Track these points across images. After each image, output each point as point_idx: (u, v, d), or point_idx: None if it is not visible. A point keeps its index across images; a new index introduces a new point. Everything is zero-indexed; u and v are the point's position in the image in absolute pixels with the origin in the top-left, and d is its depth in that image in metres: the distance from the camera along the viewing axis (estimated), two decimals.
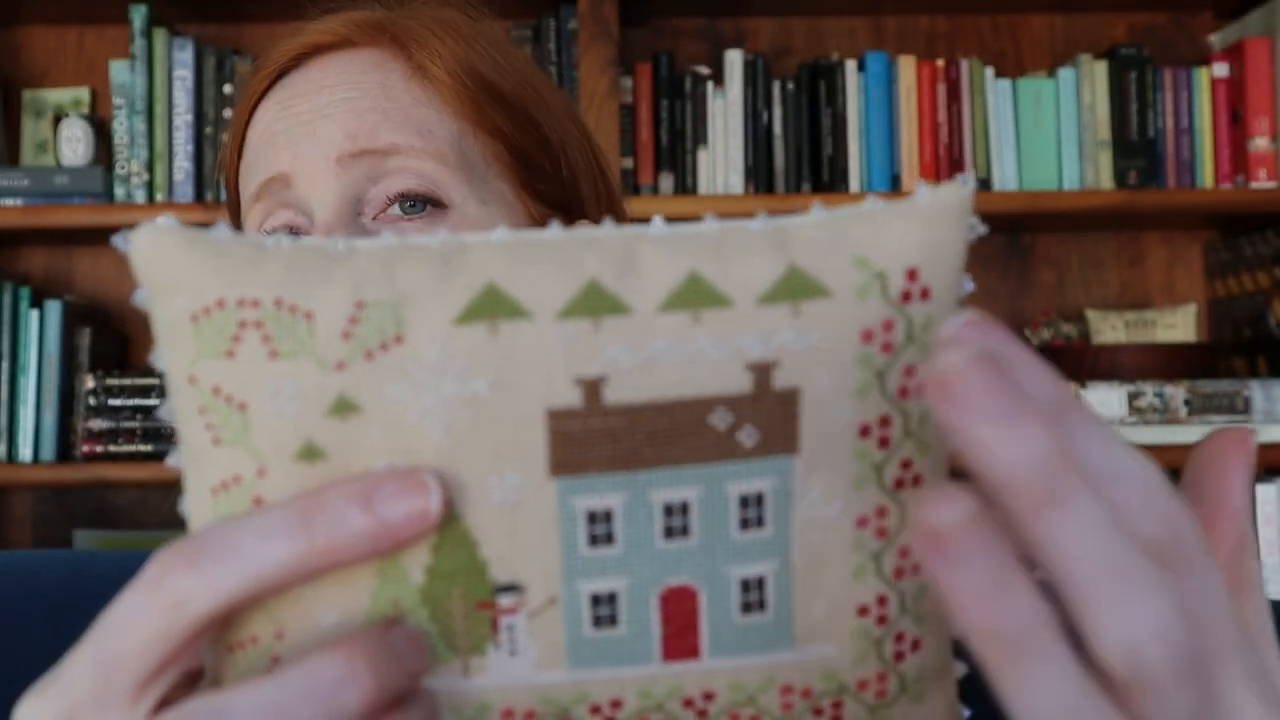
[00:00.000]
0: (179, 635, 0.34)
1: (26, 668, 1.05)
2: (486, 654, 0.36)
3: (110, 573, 1.03)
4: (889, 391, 0.36)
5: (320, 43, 0.71)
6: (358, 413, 0.34)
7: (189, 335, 0.35)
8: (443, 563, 0.35)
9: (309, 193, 0.69)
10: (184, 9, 2.14)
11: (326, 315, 0.34)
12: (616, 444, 0.34)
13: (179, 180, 2.04)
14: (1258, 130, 2.04)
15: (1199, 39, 2.25)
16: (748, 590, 0.36)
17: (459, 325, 0.34)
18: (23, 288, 2.05)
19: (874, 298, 0.35)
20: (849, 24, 2.25)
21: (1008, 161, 2.06)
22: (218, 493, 0.35)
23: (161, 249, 0.35)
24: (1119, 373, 1.98)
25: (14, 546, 2.18)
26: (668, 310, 0.34)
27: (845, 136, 2.05)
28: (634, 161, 2.05)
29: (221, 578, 0.33)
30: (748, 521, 0.35)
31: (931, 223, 0.35)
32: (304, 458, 0.34)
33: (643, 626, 0.36)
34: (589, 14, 1.97)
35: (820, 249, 0.35)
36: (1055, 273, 2.24)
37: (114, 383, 2.03)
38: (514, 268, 0.34)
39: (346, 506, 0.34)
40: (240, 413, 0.35)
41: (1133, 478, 0.32)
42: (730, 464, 0.35)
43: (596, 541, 0.35)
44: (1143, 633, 0.30)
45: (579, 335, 0.34)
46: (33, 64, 2.24)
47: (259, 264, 0.34)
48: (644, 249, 0.35)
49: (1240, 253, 2.14)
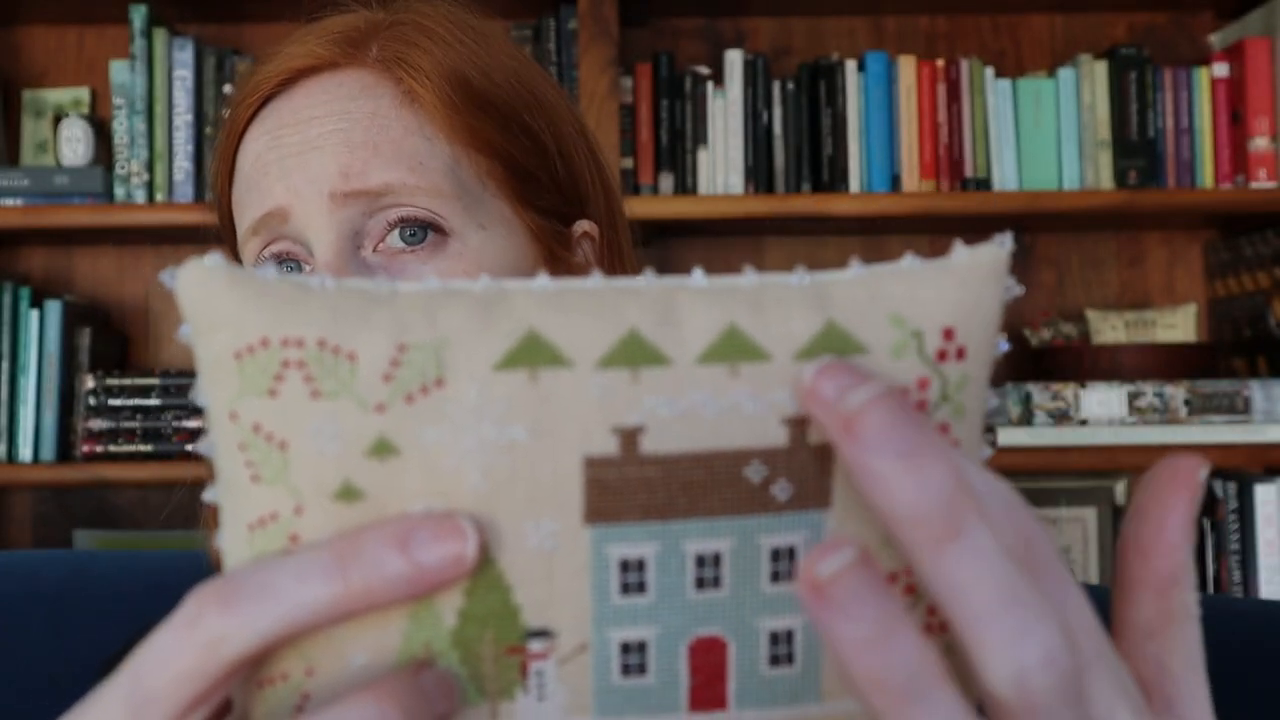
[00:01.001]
0: (212, 675, 0.34)
1: (26, 667, 1.06)
2: (515, 699, 0.36)
3: (110, 573, 1.03)
4: None
5: (304, 66, 0.70)
6: (396, 455, 0.34)
7: (232, 372, 0.35)
8: (476, 606, 0.35)
9: (305, 228, 0.68)
10: (184, 9, 2.14)
11: (369, 357, 0.34)
12: (652, 494, 0.35)
13: (179, 180, 2.04)
14: (1258, 130, 2.04)
15: (1199, 39, 2.25)
16: (776, 643, 0.36)
17: (499, 371, 0.34)
18: (23, 288, 2.05)
19: (910, 356, 0.35)
20: (849, 24, 2.25)
21: (1008, 161, 2.06)
22: (254, 529, 0.36)
23: (207, 287, 0.36)
24: (1119, 373, 1.98)
25: (14, 546, 2.18)
26: (706, 362, 0.35)
27: (845, 136, 2.05)
28: (634, 161, 2.05)
29: (257, 618, 0.34)
30: (778, 575, 0.36)
31: (968, 282, 0.36)
32: (342, 498, 0.35)
33: (671, 676, 0.36)
34: (589, 14, 1.97)
35: (858, 306, 0.35)
36: (1055, 273, 2.24)
37: (114, 383, 2.03)
38: (555, 315, 0.35)
39: (383, 550, 0.34)
40: (280, 451, 0.35)
41: (996, 494, 0.32)
42: (763, 517, 0.35)
43: (628, 590, 0.35)
44: (1032, 660, 0.31)
45: (618, 385, 0.34)
46: (33, 64, 2.24)
47: (303, 304, 0.35)
48: (683, 300, 0.35)
49: (1240, 253, 2.14)
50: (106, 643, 0.89)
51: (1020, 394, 1.95)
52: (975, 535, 0.31)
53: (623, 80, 2.05)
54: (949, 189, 2.05)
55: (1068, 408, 1.95)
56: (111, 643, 0.83)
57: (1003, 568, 0.31)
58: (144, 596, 0.99)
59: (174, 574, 1.00)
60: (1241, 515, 1.97)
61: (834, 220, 2.05)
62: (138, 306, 2.22)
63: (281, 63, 0.71)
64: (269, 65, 0.72)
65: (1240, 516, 1.97)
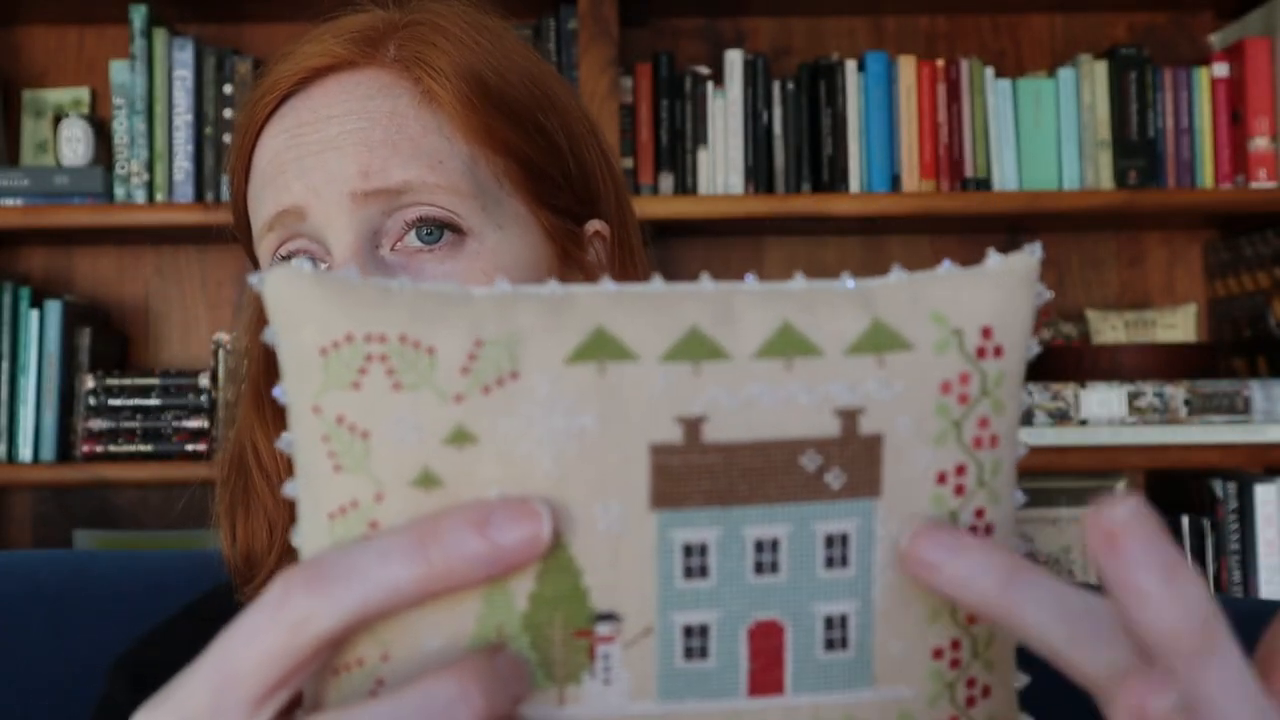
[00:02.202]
0: (299, 654, 0.35)
1: (26, 667, 1.06)
2: (582, 683, 0.37)
3: (110, 573, 1.03)
4: (965, 441, 0.38)
5: (321, 66, 0.70)
6: (473, 443, 0.36)
7: (317, 368, 0.37)
8: (547, 589, 0.37)
9: (324, 227, 0.68)
10: (184, 9, 2.14)
11: (447, 351, 0.36)
12: (714, 480, 0.37)
13: (179, 180, 2.04)
14: (1258, 130, 2.04)
15: (1199, 39, 2.25)
16: (831, 628, 0.38)
17: (570, 365, 0.36)
18: (23, 288, 2.05)
19: (952, 352, 0.38)
20: (849, 24, 2.25)
21: (1008, 161, 2.06)
22: (335, 518, 0.37)
23: (294, 287, 0.37)
24: (1119, 373, 1.98)
25: (14, 546, 2.18)
26: (763, 357, 0.37)
27: (845, 136, 2.05)
28: (634, 161, 2.05)
29: (342, 598, 0.35)
30: (832, 560, 0.38)
31: (1003, 285, 0.38)
32: (421, 484, 0.36)
33: (731, 660, 0.37)
34: (589, 14, 1.97)
35: (902, 306, 0.38)
36: (1055, 273, 2.24)
37: (114, 383, 2.03)
38: (620, 314, 0.37)
39: (463, 531, 0.35)
40: (363, 440, 0.37)
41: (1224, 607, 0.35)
42: (818, 504, 0.37)
43: (691, 574, 0.37)
44: None
45: (681, 377, 0.36)
46: (33, 64, 2.24)
47: (384, 303, 0.37)
48: (739, 300, 0.37)
49: (1240, 253, 2.14)
50: (106, 643, 0.89)
51: None
52: (1227, 652, 0.34)
53: (623, 80, 2.05)
54: (949, 189, 2.05)
55: (1067, 408, 1.95)
56: (112, 643, 0.83)
57: (1250, 682, 0.34)
58: (144, 596, 0.99)
59: (174, 574, 1.00)
60: (1241, 515, 1.97)
61: (834, 220, 2.05)
62: (138, 306, 2.22)
63: (299, 61, 0.71)
64: (286, 64, 0.71)
65: (1240, 516, 1.97)
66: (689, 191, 2.05)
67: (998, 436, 0.39)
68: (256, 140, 0.72)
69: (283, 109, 0.71)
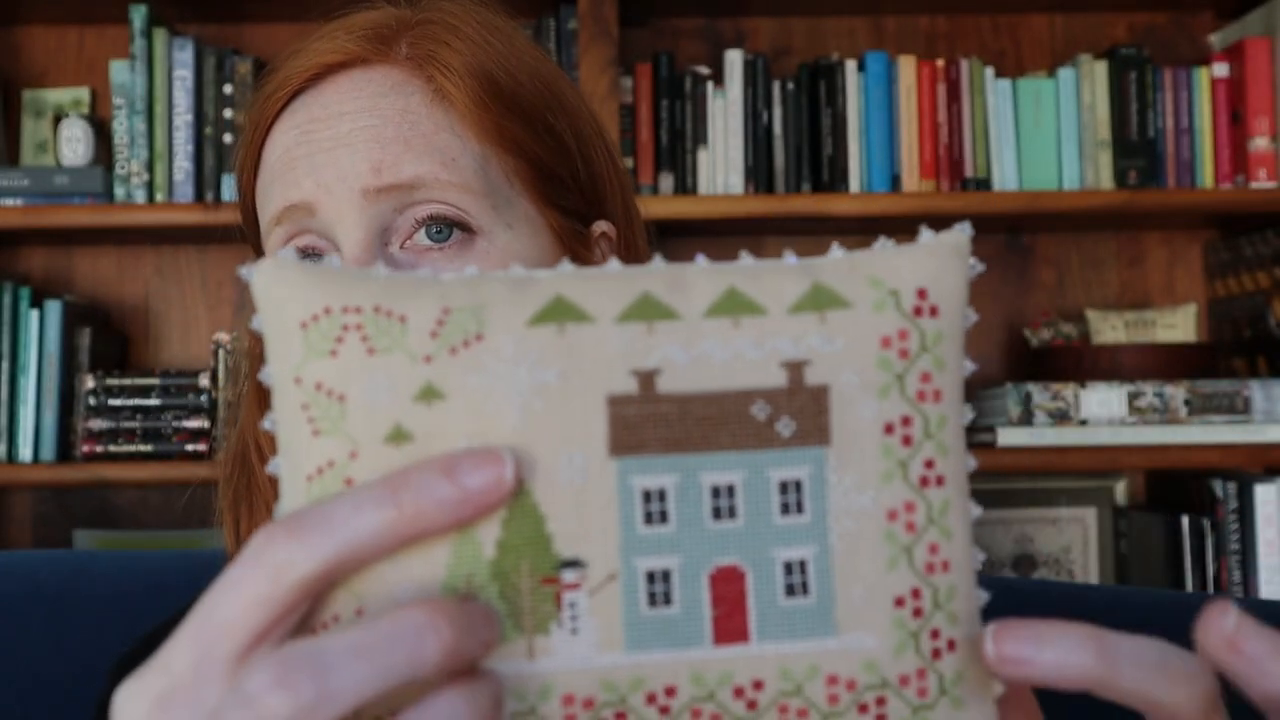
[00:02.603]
0: (280, 601, 0.37)
1: (26, 667, 1.06)
2: (550, 633, 0.38)
3: (110, 573, 1.03)
4: (908, 393, 0.41)
5: (334, 62, 0.70)
6: (442, 399, 0.39)
7: (298, 340, 0.40)
8: (512, 536, 0.38)
9: (334, 223, 0.68)
10: (184, 9, 2.14)
11: (417, 318, 0.39)
12: (669, 428, 0.39)
13: (179, 180, 2.04)
14: (1258, 130, 2.04)
15: (1199, 39, 2.25)
16: (790, 572, 0.39)
17: (531, 326, 0.39)
18: (23, 288, 2.05)
19: (890, 310, 0.40)
20: (849, 24, 2.25)
21: (1008, 161, 2.06)
22: (312, 479, 0.39)
23: (279, 272, 0.40)
24: (1119, 373, 1.98)
25: (14, 546, 2.18)
26: (711, 316, 0.40)
27: (845, 136, 2.05)
28: (634, 161, 2.05)
29: (319, 545, 0.37)
30: (788, 506, 0.40)
31: (935, 254, 0.42)
32: (392, 440, 0.39)
33: (695, 606, 0.39)
34: (589, 14, 1.97)
35: (840, 272, 0.41)
36: (1055, 273, 2.24)
37: (114, 383, 2.03)
38: (579, 284, 0.40)
39: (431, 477, 0.37)
40: (339, 403, 0.39)
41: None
42: (770, 451, 0.39)
43: (652, 520, 0.39)
44: None
45: (635, 335, 0.39)
46: (33, 64, 2.24)
47: (361, 280, 0.40)
48: (690, 272, 0.40)
49: (1240, 253, 2.14)
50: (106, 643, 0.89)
51: (1020, 394, 1.95)
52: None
53: (623, 80, 2.05)
54: (949, 189, 2.05)
55: (1068, 408, 1.95)
56: (111, 643, 0.83)
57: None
58: (144, 596, 0.99)
59: (174, 574, 1.00)
60: (1241, 515, 1.97)
61: (834, 220, 2.05)
62: (138, 306, 2.22)
63: (311, 58, 0.70)
64: (298, 60, 0.71)
65: (1240, 516, 1.97)
66: (689, 191, 2.05)
67: (940, 391, 0.41)
68: (266, 135, 0.72)
69: (294, 105, 0.71)
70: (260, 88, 0.74)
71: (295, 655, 0.36)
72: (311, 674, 0.35)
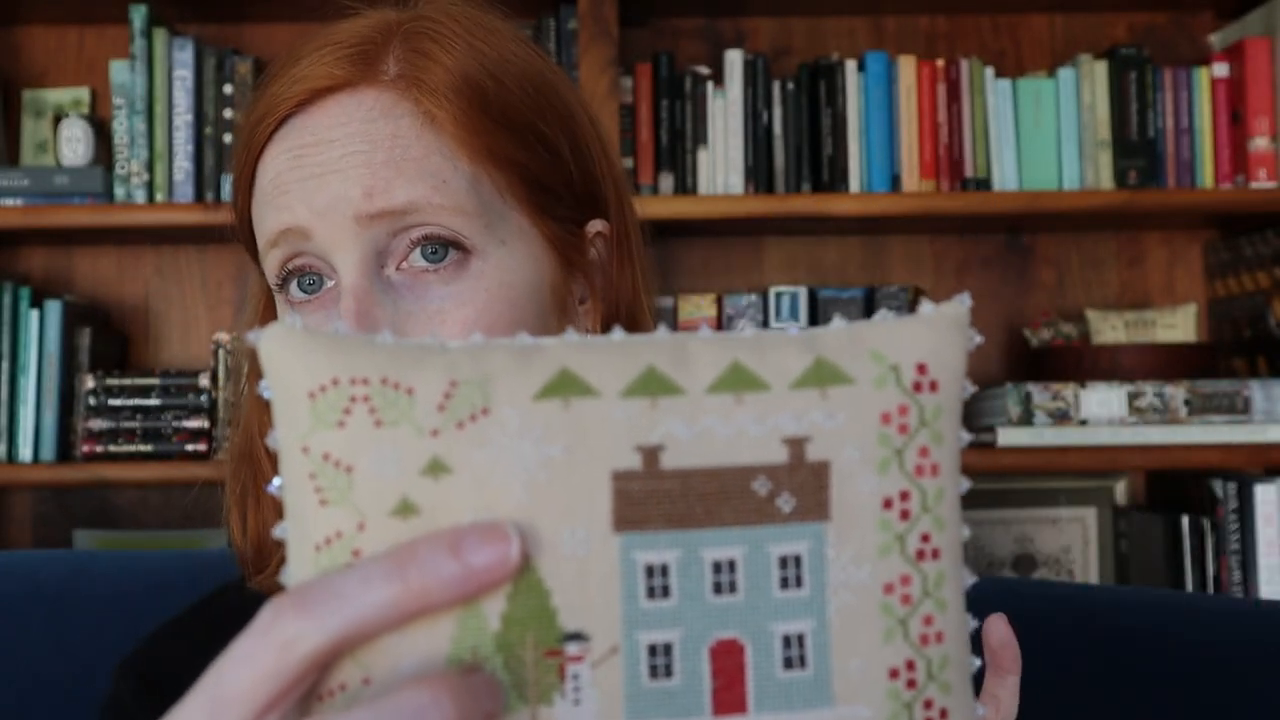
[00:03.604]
0: (288, 674, 0.38)
1: (26, 667, 1.05)
2: (554, 704, 0.39)
3: (110, 573, 1.03)
4: (907, 468, 0.41)
5: (321, 87, 0.70)
6: (448, 473, 0.39)
7: (306, 410, 0.40)
8: (517, 609, 0.39)
9: (329, 248, 0.69)
10: (184, 9, 2.14)
11: (424, 391, 0.39)
12: (672, 504, 0.40)
13: (179, 180, 2.04)
14: (1258, 130, 2.04)
15: (1199, 39, 2.25)
16: (789, 646, 0.40)
17: (537, 401, 0.39)
18: (23, 288, 2.05)
19: (890, 386, 0.41)
20: (849, 24, 2.25)
21: (1008, 161, 2.06)
22: (320, 549, 0.40)
23: (286, 340, 0.41)
24: (1119, 373, 1.98)
25: (14, 546, 2.18)
26: (715, 392, 0.40)
27: (845, 136, 2.05)
28: (634, 161, 2.05)
29: (327, 620, 0.38)
30: (787, 581, 0.40)
31: (935, 328, 0.42)
32: (399, 513, 0.39)
33: (695, 678, 0.40)
34: (589, 14, 1.97)
35: (843, 346, 0.41)
36: (1055, 273, 2.24)
37: (114, 383, 2.03)
38: (584, 356, 0.40)
39: (438, 554, 0.38)
40: (346, 474, 0.40)
41: None
42: (771, 527, 0.40)
43: (654, 594, 0.40)
44: None
45: (640, 411, 0.40)
46: (33, 64, 2.24)
47: (368, 350, 0.40)
48: (693, 344, 0.41)
49: (1240, 253, 2.14)
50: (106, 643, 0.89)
51: (1020, 394, 1.95)
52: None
53: (623, 80, 2.05)
54: (949, 189, 2.05)
55: (1068, 408, 1.95)
56: (111, 643, 0.83)
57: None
58: (144, 596, 0.99)
59: (174, 574, 1.00)
60: (1241, 515, 1.97)
61: (834, 220, 2.05)
62: (138, 306, 2.22)
63: (299, 83, 0.70)
64: (284, 84, 0.71)
65: (1240, 516, 1.97)
66: (689, 191, 2.05)
67: (938, 465, 0.42)
68: (259, 157, 0.72)
69: (284, 129, 0.71)
70: (251, 108, 0.74)
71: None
72: None
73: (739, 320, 2.05)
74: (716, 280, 2.21)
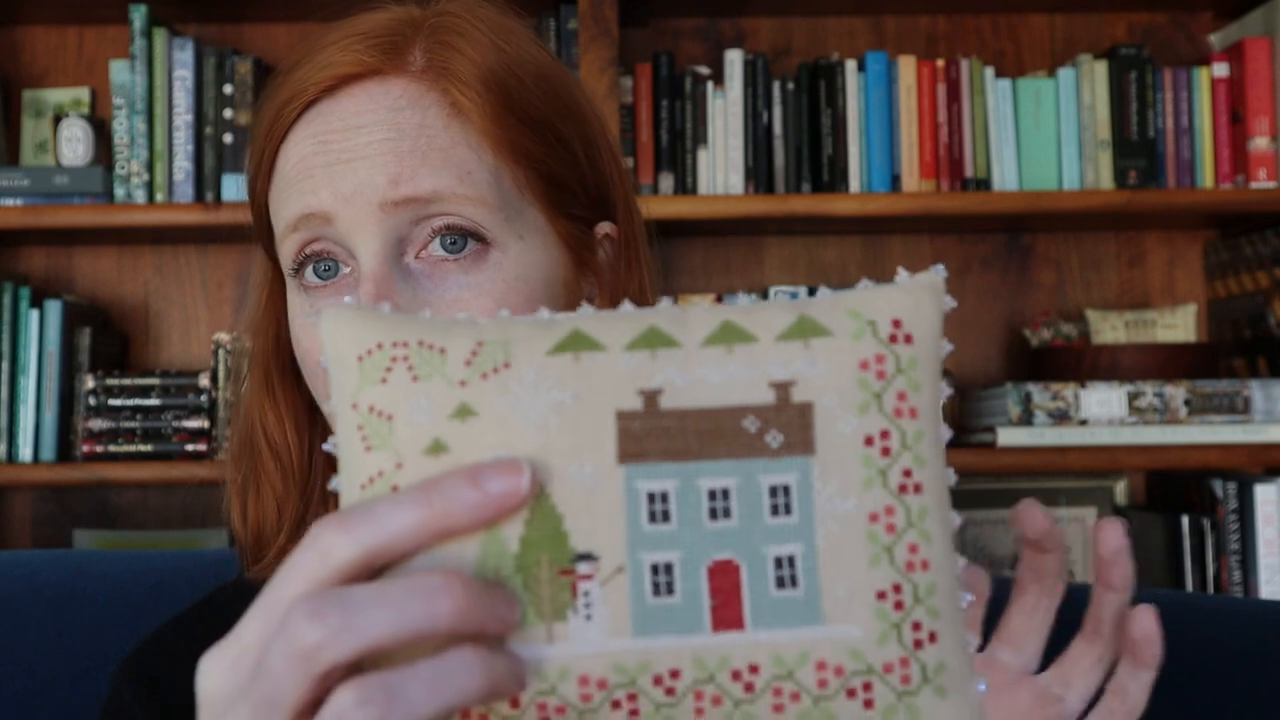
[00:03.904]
0: (326, 578, 0.43)
1: (26, 667, 1.05)
2: (567, 620, 0.43)
3: (110, 573, 1.02)
4: (886, 410, 0.45)
5: (349, 74, 0.71)
6: (474, 416, 0.45)
7: (355, 372, 0.46)
8: (534, 533, 0.44)
9: (351, 233, 0.69)
10: (184, 9, 2.14)
11: (455, 350, 0.45)
12: (670, 440, 0.44)
13: (179, 180, 2.04)
14: (1258, 130, 2.04)
15: (1199, 39, 2.25)
16: (780, 566, 0.44)
17: (551, 355, 0.45)
18: (23, 288, 2.05)
19: (867, 338, 0.46)
20: (849, 24, 2.25)
21: (1008, 161, 2.06)
22: (365, 487, 0.45)
23: (341, 316, 0.47)
24: (1119, 373, 1.98)
25: (14, 546, 2.18)
26: (708, 345, 0.45)
27: (845, 136, 2.05)
28: (634, 161, 2.05)
29: (361, 534, 0.43)
30: (777, 508, 0.44)
31: (910, 291, 0.47)
32: (431, 451, 0.45)
33: (695, 596, 0.44)
34: (589, 14, 1.97)
35: (823, 306, 0.46)
36: (1055, 273, 2.24)
37: (114, 383, 2.03)
38: (594, 322, 0.46)
39: (459, 483, 0.43)
40: (388, 422, 0.45)
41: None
42: (761, 460, 0.44)
43: (655, 518, 0.44)
44: None
45: (641, 360, 0.45)
46: (33, 64, 2.24)
47: (407, 322, 0.47)
48: (690, 310, 0.46)
49: (1240, 253, 2.14)
50: (106, 643, 0.89)
51: (1020, 394, 1.95)
52: None
53: (623, 80, 2.05)
54: (949, 189, 2.05)
55: (1068, 408, 1.95)
56: (112, 643, 0.83)
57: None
58: (144, 596, 0.99)
59: (174, 574, 1.00)
60: (1241, 515, 1.97)
61: (834, 220, 2.05)
62: (138, 306, 2.22)
63: (327, 69, 0.71)
64: (312, 69, 0.71)
65: (1240, 516, 1.97)
66: (689, 191, 2.05)
67: (916, 409, 0.46)
68: (281, 142, 0.72)
69: (309, 114, 0.71)
70: (272, 93, 0.74)
71: (328, 597, 0.43)
72: (339, 611, 0.42)
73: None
74: (716, 280, 2.21)
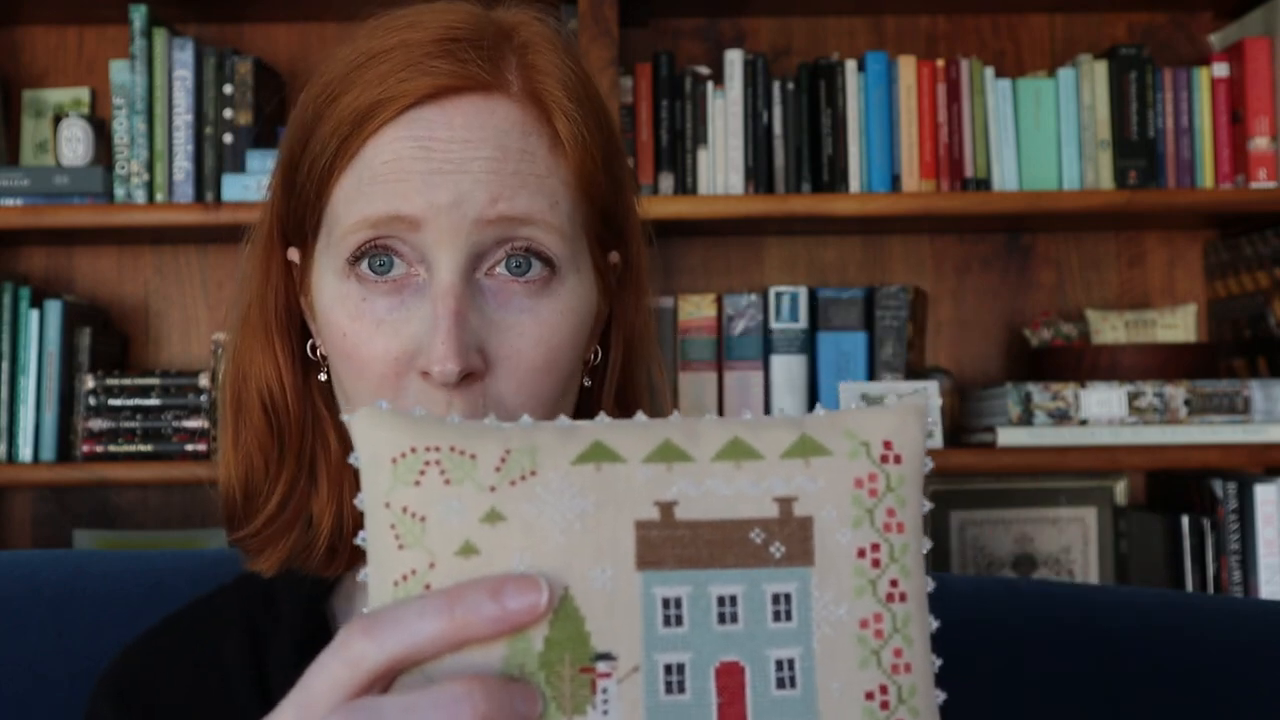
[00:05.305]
0: (356, 684, 0.48)
1: (26, 667, 1.05)
2: (586, 714, 0.47)
3: (110, 572, 1.02)
4: (877, 525, 0.51)
5: (451, 85, 0.71)
6: (504, 521, 0.49)
7: (388, 473, 0.50)
8: (558, 633, 0.48)
9: (435, 243, 0.70)
10: (184, 9, 2.14)
11: (484, 456, 0.49)
12: (684, 549, 0.49)
13: (179, 180, 2.04)
14: (1258, 130, 2.04)
15: (1199, 39, 2.25)
16: (781, 668, 0.49)
17: (574, 465, 0.49)
18: (23, 288, 2.05)
19: (861, 458, 0.51)
20: (849, 24, 2.25)
21: (1008, 161, 2.06)
22: (398, 584, 0.49)
23: (375, 419, 0.51)
24: (1119, 373, 1.98)
25: (14, 546, 2.18)
26: (719, 460, 0.50)
27: (845, 136, 2.05)
28: (634, 161, 2.05)
29: (387, 642, 0.47)
30: (779, 614, 0.49)
31: (899, 414, 0.52)
32: (463, 553, 0.49)
33: (703, 695, 0.48)
34: (589, 14, 1.97)
35: (823, 426, 0.52)
36: (1055, 273, 2.24)
37: (114, 383, 2.03)
38: (613, 432, 0.50)
39: (481, 597, 0.47)
40: (420, 523, 0.49)
41: None
42: (765, 569, 0.49)
43: (669, 622, 0.48)
44: None
45: (658, 473, 0.50)
46: (33, 64, 2.24)
47: (440, 425, 0.50)
48: (702, 424, 0.51)
49: (1240, 253, 2.14)
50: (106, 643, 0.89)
51: (1020, 394, 1.95)
52: None
53: (623, 80, 2.05)
54: (949, 189, 2.05)
55: (1068, 408, 1.95)
56: (112, 643, 0.83)
57: None
58: (144, 596, 0.99)
59: (174, 574, 1.00)
60: (1241, 515, 1.97)
61: (834, 220, 2.05)
62: (138, 306, 2.22)
63: (427, 76, 0.71)
64: (408, 74, 0.71)
65: (1240, 516, 1.97)
66: (689, 191, 2.05)
67: (903, 524, 0.51)
68: (369, 139, 0.72)
69: (407, 115, 0.71)
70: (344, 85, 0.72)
71: (359, 706, 0.47)
72: (368, 718, 0.46)
73: (739, 321, 2.05)
74: (716, 280, 2.21)
